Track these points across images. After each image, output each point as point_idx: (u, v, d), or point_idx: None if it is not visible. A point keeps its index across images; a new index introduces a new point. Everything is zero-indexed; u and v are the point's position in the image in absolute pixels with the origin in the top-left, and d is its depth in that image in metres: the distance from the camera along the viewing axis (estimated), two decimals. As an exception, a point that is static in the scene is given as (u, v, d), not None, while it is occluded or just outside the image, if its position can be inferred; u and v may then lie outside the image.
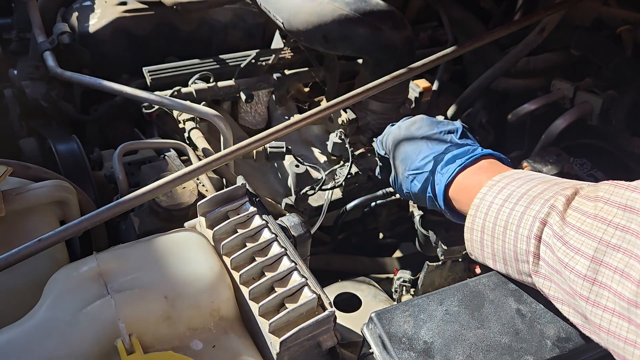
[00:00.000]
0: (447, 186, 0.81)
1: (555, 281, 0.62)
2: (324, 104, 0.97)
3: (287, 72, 1.39)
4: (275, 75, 1.37)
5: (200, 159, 1.07)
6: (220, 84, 1.30)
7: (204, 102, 1.22)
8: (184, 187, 0.97)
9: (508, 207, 0.68)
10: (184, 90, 1.26)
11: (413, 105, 1.43)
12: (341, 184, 1.19)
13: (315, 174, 1.22)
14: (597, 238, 0.56)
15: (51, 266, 0.74)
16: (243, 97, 1.30)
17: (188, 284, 0.69)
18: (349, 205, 1.20)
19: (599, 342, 0.60)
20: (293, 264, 0.70)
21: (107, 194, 1.07)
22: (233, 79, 1.33)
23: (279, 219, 0.82)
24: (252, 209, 0.77)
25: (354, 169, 1.22)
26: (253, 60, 1.37)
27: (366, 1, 1.18)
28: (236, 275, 0.70)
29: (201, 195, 0.98)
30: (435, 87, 1.50)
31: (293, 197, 1.18)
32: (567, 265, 0.58)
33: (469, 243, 0.75)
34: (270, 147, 1.15)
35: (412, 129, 0.91)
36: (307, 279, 0.68)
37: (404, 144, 0.91)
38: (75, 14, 1.39)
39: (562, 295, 0.62)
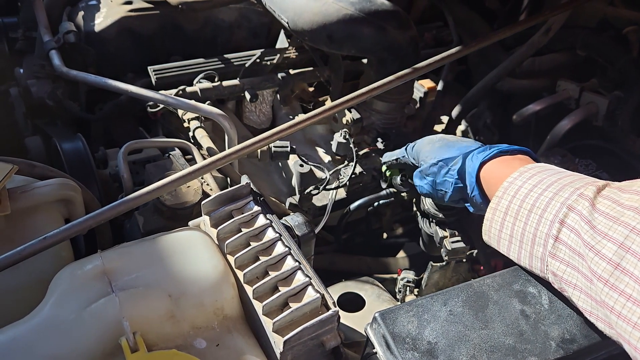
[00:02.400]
0: (481, 167, 0.81)
1: (574, 265, 0.63)
2: (329, 103, 0.97)
3: (291, 71, 1.40)
4: (279, 75, 1.37)
5: (204, 158, 1.07)
6: (225, 83, 1.31)
7: (208, 102, 1.22)
8: (188, 186, 0.98)
9: (536, 192, 0.69)
10: (188, 89, 1.26)
11: (418, 105, 1.43)
12: (345, 183, 1.19)
13: (319, 173, 1.22)
14: (630, 226, 0.57)
15: (56, 264, 0.75)
16: (247, 96, 1.31)
17: (192, 282, 0.69)
18: (353, 205, 1.20)
19: (603, 329, 0.61)
20: (297, 264, 0.70)
21: (111, 192, 1.07)
22: (238, 79, 1.33)
23: (283, 218, 0.82)
24: (256, 208, 0.77)
25: (358, 169, 1.22)
26: (258, 60, 1.37)
27: (371, 1, 1.18)
28: (240, 274, 0.70)
29: (205, 194, 0.98)
30: (440, 87, 1.50)
31: (297, 197, 1.18)
32: (593, 247, 0.59)
33: (488, 222, 0.76)
34: (274, 146, 1.15)
35: (446, 137, 0.94)
36: (310, 279, 0.69)
37: (436, 143, 0.93)
38: (81, 13, 1.40)
39: (577, 279, 0.63)
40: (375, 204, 1.21)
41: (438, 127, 1.48)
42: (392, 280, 1.21)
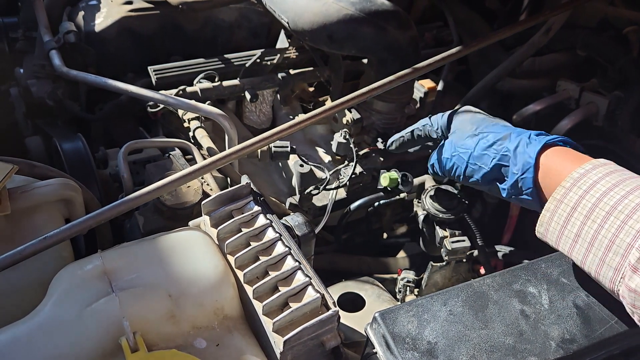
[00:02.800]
0: (541, 151, 0.74)
1: None
2: (329, 103, 0.97)
3: (291, 71, 1.39)
4: (280, 75, 1.37)
5: (204, 158, 1.07)
6: (225, 83, 1.31)
7: (208, 102, 1.22)
8: (188, 186, 0.98)
9: (619, 194, 0.63)
10: (189, 89, 1.26)
11: (418, 105, 1.43)
12: (345, 183, 1.19)
13: (319, 173, 1.22)
14: None
15: (56, 264, 0.75)
16: (248, 96, 1.30)
17: (192, 282, 0.69)
18: (353, 205, 1.20)
19: None
20: (297, 263, 0.70)
21: (112, 192, 1.07)
22: (238, 79, 1.33)
23: (283, 218, 0.82)
24: (256, 208, 0.77)
25: (358, 169, 1.22)
26: (258, 60, 1.37)
27: (371, 1, 1.18)
28: (240, 274, 0.70)
29: (205, 194, 0.98)
30: (440, 87, 1.50)
31: (297, 197, 1.18)
32: None
33: (548, 214, 0.69)
34: (274, 146, 1.15)
35: (483, 112, 0.87)
36: (311, 278, 0.69)
37: (476, 114, 0.86)
38: (81, 12, 1.40)
39: None
40: (376, 204, 1.21)
41: (438, 127, 1.48)
42: (392, 280, 1.21)
